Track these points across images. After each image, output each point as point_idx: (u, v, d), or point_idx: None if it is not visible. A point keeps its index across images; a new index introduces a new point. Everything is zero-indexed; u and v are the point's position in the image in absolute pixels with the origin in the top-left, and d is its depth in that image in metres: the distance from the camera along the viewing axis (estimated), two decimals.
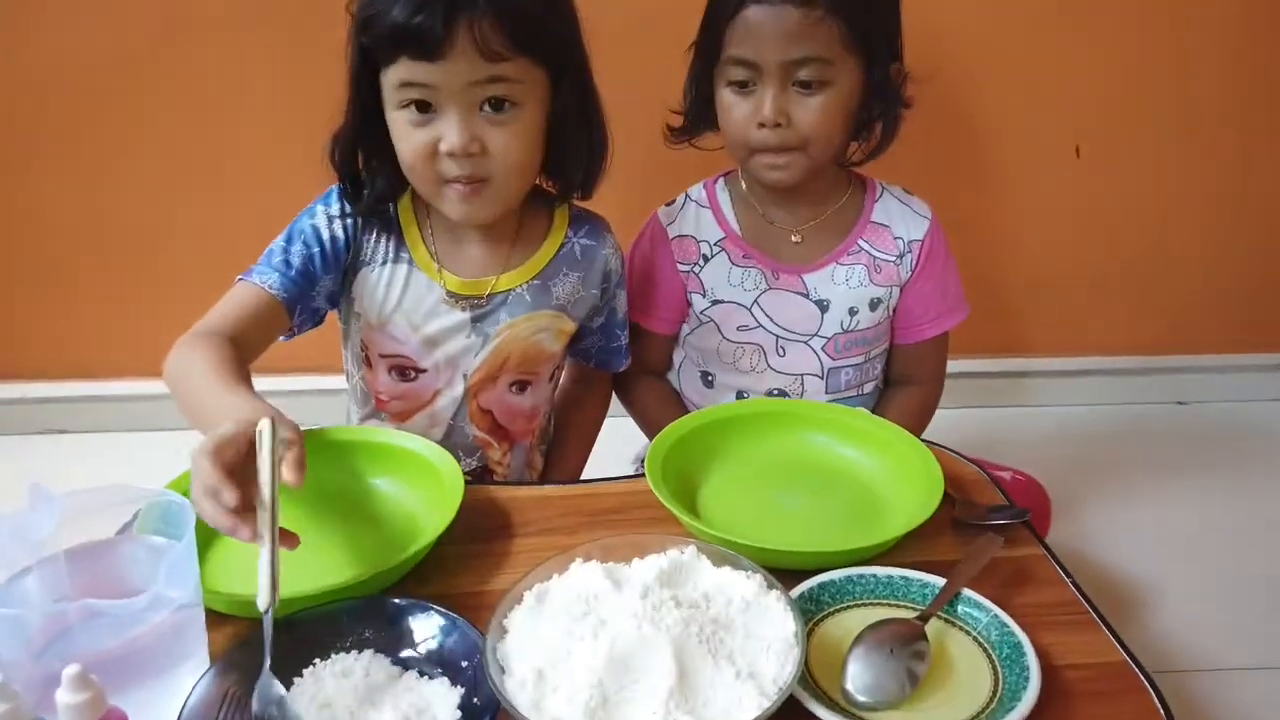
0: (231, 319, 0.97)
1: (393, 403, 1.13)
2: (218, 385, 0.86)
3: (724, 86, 1.13)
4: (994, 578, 0.81)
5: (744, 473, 0.98)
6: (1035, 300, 1.89)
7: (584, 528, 0.89)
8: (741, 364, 1.25)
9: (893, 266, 1.22)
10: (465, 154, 0.96)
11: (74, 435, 1.84)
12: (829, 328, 1.22)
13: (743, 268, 1.21)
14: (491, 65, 0.93)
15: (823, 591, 0.77)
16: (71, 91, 1.63)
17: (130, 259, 1.75)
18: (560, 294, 1.11)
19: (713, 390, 1.29)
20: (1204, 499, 1.66)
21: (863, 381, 1.28)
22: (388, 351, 1.10)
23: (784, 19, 1.06)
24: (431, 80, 0.93)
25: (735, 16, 1.08)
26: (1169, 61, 1.71)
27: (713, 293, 1.22)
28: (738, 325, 1.23)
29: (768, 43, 1.07)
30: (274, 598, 0.66)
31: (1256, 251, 1.87)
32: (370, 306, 1.08)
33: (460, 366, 1.10)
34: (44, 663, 0.63)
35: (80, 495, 0.72)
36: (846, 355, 1.24)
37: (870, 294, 1.21)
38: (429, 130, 0.96)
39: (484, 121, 0.96)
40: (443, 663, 0.71)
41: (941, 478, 0.90)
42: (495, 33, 0.92)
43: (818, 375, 1.24)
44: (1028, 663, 0.69)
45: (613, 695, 0.63)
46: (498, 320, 1.09)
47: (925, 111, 1.20)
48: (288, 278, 1.02)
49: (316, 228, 1.05)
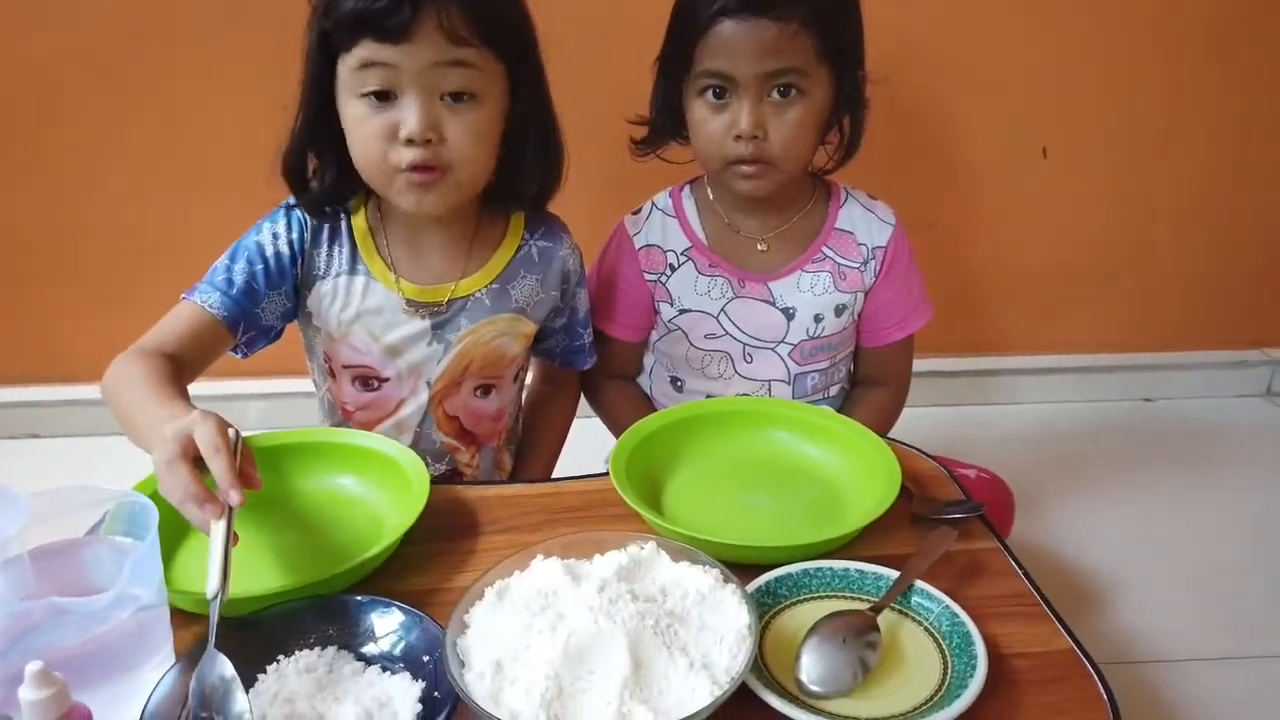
0: (171, 338, 0.98)
1: (358, 413, 1.13)
2: (154, 399, 0.87)
3: (696, 99, 1.14)
4: (949, 570, 0.83)
5: (708, 470, 0.99)
6: (1004, 299, 1.92)
7: (548, 525, 0.91)
8: (710, 370, 1.27)
9: (857, 273, 1.24)
10: (423, 140, 0.95)
11: (47, 440, 1.84)
12: (795, 334, 1.24)
13: (709, 277, 1.23)
14: (456, 49, 0.93)
15: (780, 585, 0.79)
16: (41, 97, 1.63)
17: (102, 263, 1.75)
18: (519, 297, 1.12)
19: (682, 395, 1.31)
20: (1170, 494, 1.68)
21: (828, 385, 1.30)
22: (350, 362, 1.10)
23: (760, 32, 1.07)
24: (394, 60, 0.93)
25: (708, 30, 1.09)
26: (1136, 62, 1.74)
27: (680, 301, 1.24)
28: (705, 333, 1.24)
29: (743, 56, 1.07)
30: (224, 587, 0.70)
31: (1222, 250, 1.91)
32: (329, 319, 1.08)
33: (423, 374, 1.11)
34: (8, 661, 0.64)
35: (47, 496, 0.72)
36: (813, 361, 1.26)
37: (835, 300, 1.23)
38: (386, 117, 0.96)
39: (444, 109, 0.96)
40: (405, 658, 0.72)
41: (899, 473, 0.91)
42: (462, 19, 0.92)
43: (784, 381, 1.27)
44: (976, 651, 0.71)
45: (568, 686, 0.64)
46: (458, 327, 1.09)
47: (896, 113, 1.22)
48: (229, 296, 1.02)
49: (261, 244, 1.05)
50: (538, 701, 0.63)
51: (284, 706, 0.67)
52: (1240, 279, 1.94)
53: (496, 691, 0.64)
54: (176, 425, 0.76)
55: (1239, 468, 1.78)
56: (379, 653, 0.73)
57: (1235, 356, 2.00)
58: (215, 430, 0.74)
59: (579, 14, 1.21)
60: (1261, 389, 2.01)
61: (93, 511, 0.76)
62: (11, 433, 1.84)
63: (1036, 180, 1.81)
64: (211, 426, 0.75)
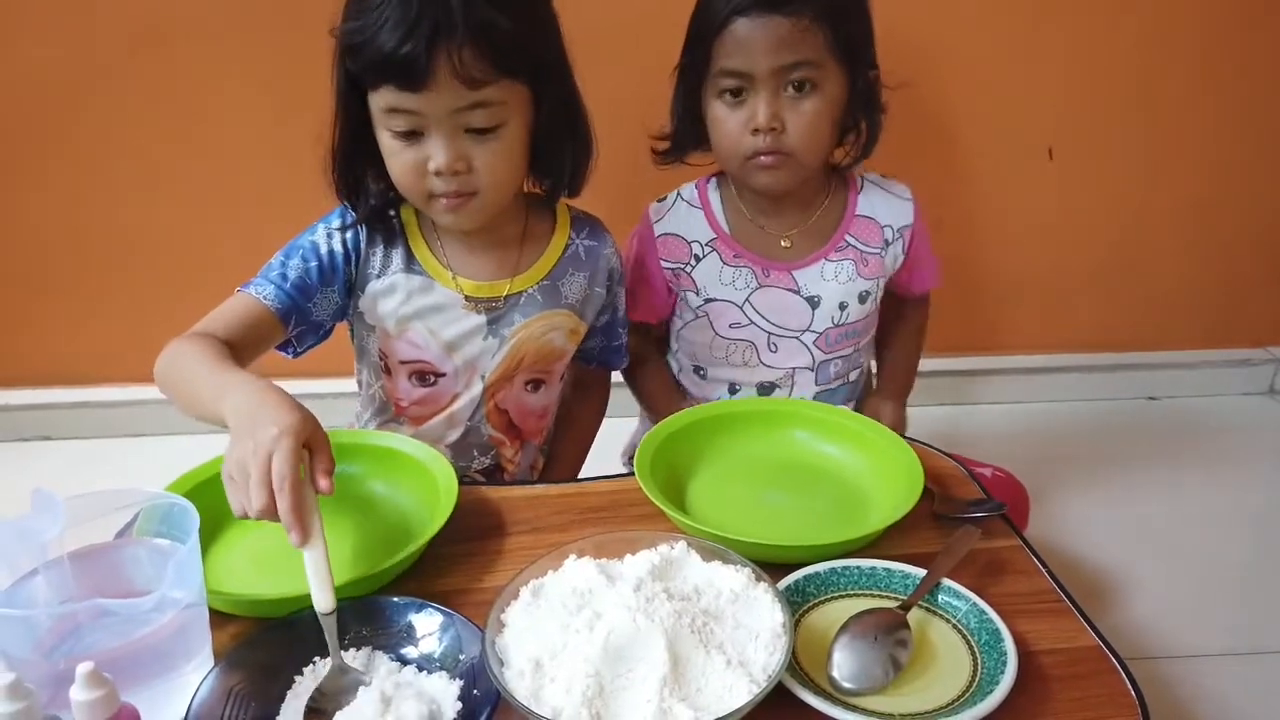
0: (223, 324, 1.00)
1: (412, 407, 1.15)
2: (216, 368, 0.89)
3: (714, 99, 1.16)
4: (973, 568, 0.84)
5: (731, 470, 1.00)
6: (1008, 298, 1.93)
7: (575, 525, 0.92)
8: (734, 359, 1.29)
9: (879, 259, 1.26)
10: (452, 173, 0.99)
11: (59, 441, 1.84)
12: (820, 323, 1.26)
13: (734, 267, 1.24)
14: (473, 92, 0.95)
15: (808, 583, 0.80)
16: (50, 102, 1.63)
17: (112, 266, 1.76)
18: (569, 294, 1.14)
19: (705, 382, 1.33)
20: (1175, 492, 1.70)
21: (849, 370, 1.32)
22: (407, 358, 1.12)
23: (774, 28, 1.09)
24: (417, 108, 0.96)
25: (724, 30, 1.11)
26: (1141, 63, 1.75)
27: (705, 291, 1.25)
28: (730, 323, 1.26)
29: (758, 51, 1.10)
30: (333, 599, 0.72)
31: (1226, 249, 1.92)
32: (386, 316, 1.10)
33: (479, 368, 1.13)
34: (54, 661, 0.65)
35: (83, 498, 0.73)
36: (837, 348, 1.29)
37: (859, 288, 1.26)
38: (416, 152, 0.99)
39: (469, 142, 0.99)
40: (441, 658, 0.73)
41: (922, 473, 0.92)
42: (475, 59, 0.93)
43: (809, 368, 1.29)
44: (1005, 648, 0.72)
45: (608, 684, 0.65)
46: (512, 321, 1.12)
47: (901, 114, 1.23)
48: (283, 290, 1.04)
49: (315, 243, 1.07)
50: (579, 699, 0.64)
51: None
52: (1244, 277, 1.95)
53: (537, 690, 0.65)
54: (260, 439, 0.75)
55: (1243, 465, 1.79)
56: (416, 653, 0.74)
57: (1239, 355, 2.01)
58: (286, 461, 0.74)
59: (590, 23, 1.21)
60: (1265, 387, 2.02)
61: (126, 512, 0.77)
62: (23, 435, 1.84)
63: (1042, 180, 1.82)
64: (285, 453, 0.74)
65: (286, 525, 0.73)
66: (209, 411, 0.85)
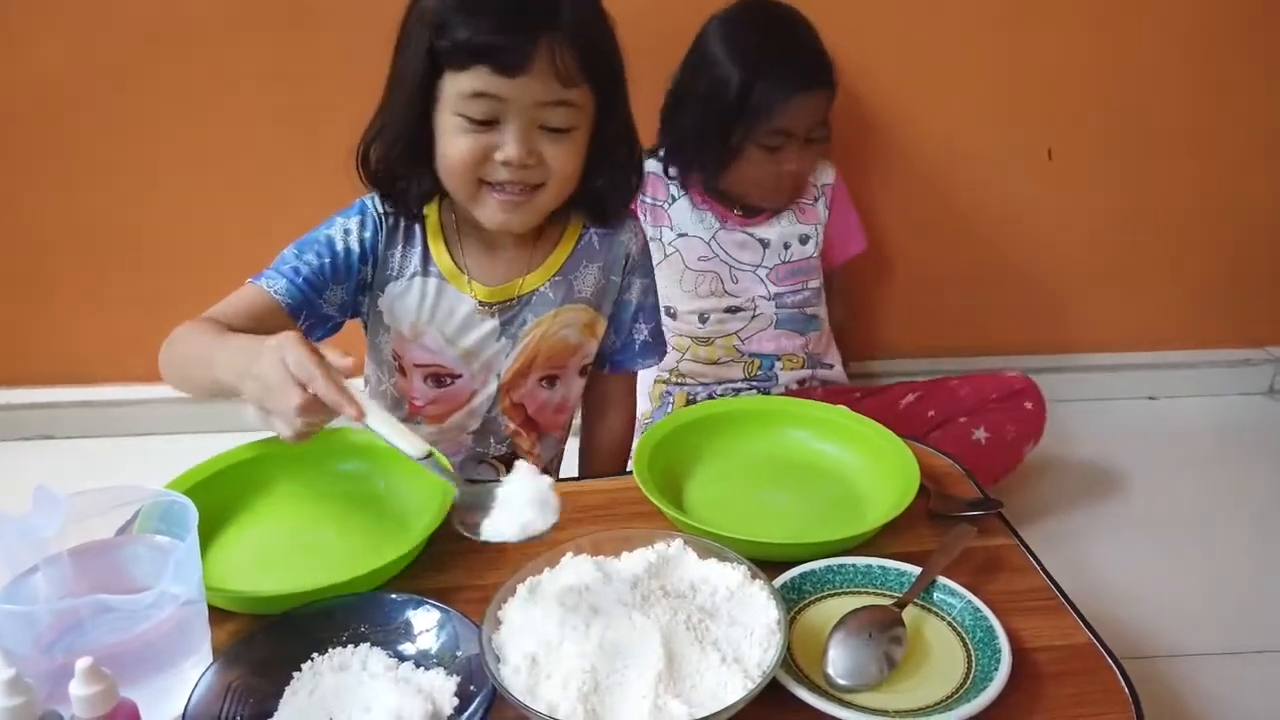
0: (231, 314, 0.99)
1: (428, 407, 1.15)
2: (211, 341, 0.90)
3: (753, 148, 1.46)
4: (968, 566, 0.85)
5: (728, 469, 1.01)
6: (1008, 300, 1.93)
7: (573, 524, 0.91)
8: (701, 289, 1.57)
9: (813, 208, 1.59)
10: (522, 165, 0.98)
11: (61, 440, 1.85)
12: (770, 260, 1.57)
13: (700, 210, 1.56)
14: (563, 89, 0.95)
15: (804, 581, 0.80)
16: (55, 100, 1.64)
17: (115, 265, 1.76)
18: (581, 287, 1.13)
19: (675, 321, 1.57)
20: (1173, 492, 1.70)
21: (804, 306, 1.62)
22: (421, 361, 1.12)
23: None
24: (504, 94, 0.95)
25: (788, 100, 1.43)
26: (1140, 64, 1.75)
27: (679, 227, 1.54)
28: (698, 256, 1.55)
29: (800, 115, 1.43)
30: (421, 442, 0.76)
31: (1226, 250, 1.92)
32: (401, 320, 1.10)
33: (494, 368, 1.13)
34: (53, 657, 0.66)
35: (84, 496, 0.73)
36: (788, 282, 1.60)
37: (799, 231, 1.59)
38: (485, 138, 0.98)
39: (541, 136, 0.98)
40: (437, 654, 0.74)
41: (917, 471, 0.93)
42: (572, 57, 0.94)
43: (767, 298, 1.59)
44: (999, 645, 0.72)
45: (604, 680, 0.66)
46: (524, 321, 1.11)
47: (899, 114, 1.23)
48: (294, 284, 1.03)
49: (331, 238, 1.06)
50: (575, 695, 0.64)
51: (320, 703, 0.68)
52: (1243, 278, 1.95)
53: (533, 685, 0.66)
54: (269, 353, 0.77)
55: (1243, 465, 1.79)
56: (413, 649, 0.74)
57: (1239, 355, 2.01)
58: (302, 355, 0.75)
59: None
60: (1265, 387, 2.02)
61: (126, 510, 0.77)
62: (25, 434, 1.84)
63: (1041, 180, 1.82)
64: (296, 352, 0.75)
65: (335, 405, 0.73)
66: (206, 379, 0.86)
